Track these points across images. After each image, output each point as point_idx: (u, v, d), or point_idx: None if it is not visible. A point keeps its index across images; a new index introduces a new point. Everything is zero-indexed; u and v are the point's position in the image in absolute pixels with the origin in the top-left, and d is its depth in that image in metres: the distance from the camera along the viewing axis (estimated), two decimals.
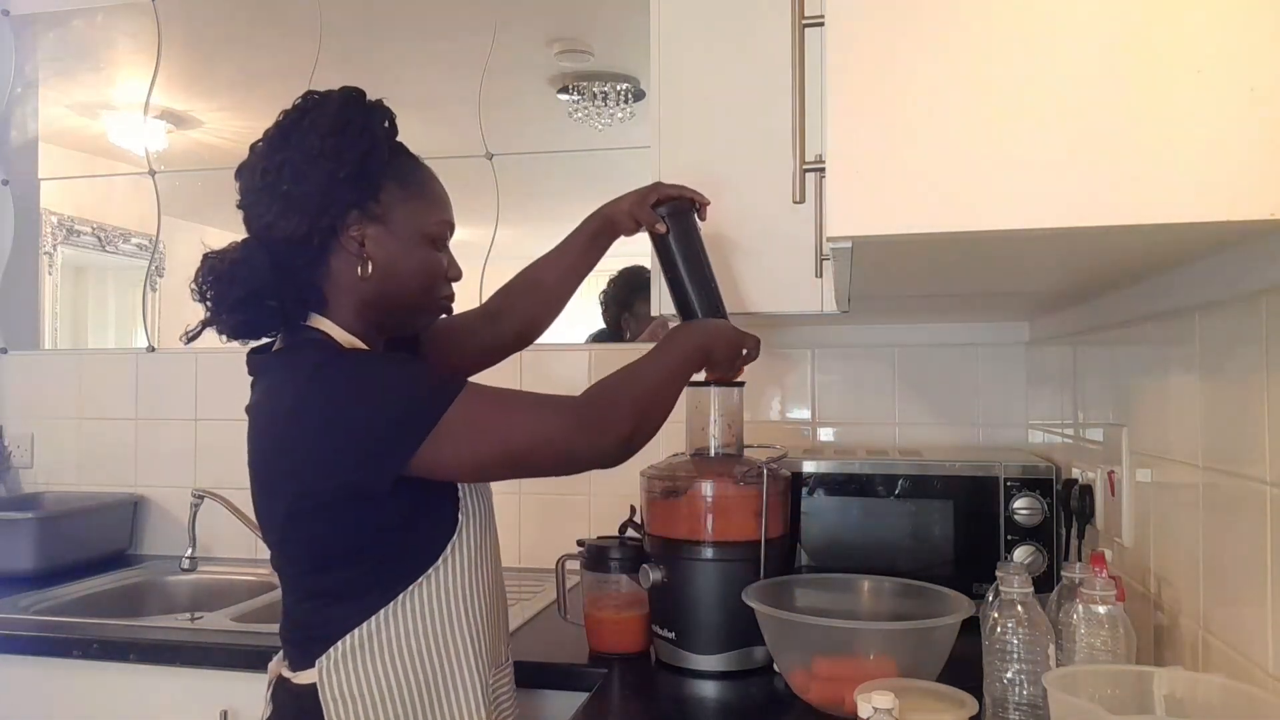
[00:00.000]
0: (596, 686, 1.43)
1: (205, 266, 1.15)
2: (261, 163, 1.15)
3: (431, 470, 1.08)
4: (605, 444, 1.12)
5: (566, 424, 1.11)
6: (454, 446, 1.07)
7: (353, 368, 1.11)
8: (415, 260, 1.19)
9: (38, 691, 1.70)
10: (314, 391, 1.09)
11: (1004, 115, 0.74)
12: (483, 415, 1.09)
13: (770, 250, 1.58)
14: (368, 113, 1.18)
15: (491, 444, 1.09)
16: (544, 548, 1.79)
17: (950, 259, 1.01)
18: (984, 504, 1.63)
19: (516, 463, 1.12)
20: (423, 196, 1.21)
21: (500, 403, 1.12)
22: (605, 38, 2.29)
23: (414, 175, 1.21)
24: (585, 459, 1.13)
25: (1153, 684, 0.92)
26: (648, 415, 1.17)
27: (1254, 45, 0.70)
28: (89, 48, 2.61)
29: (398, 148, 1.21)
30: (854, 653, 1.25)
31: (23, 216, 2.62)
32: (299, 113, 1.18)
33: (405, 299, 1.20)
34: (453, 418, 1.06)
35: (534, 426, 1.11)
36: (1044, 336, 1.89)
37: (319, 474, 1.07)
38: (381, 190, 1.16)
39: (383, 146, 1.17)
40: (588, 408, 1.14)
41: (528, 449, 1.11)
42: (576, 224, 1.54)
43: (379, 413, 1.07)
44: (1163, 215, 0.72)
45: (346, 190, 1.13)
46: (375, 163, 1.16)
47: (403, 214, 1.18)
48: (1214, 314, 1.01)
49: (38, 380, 2.54)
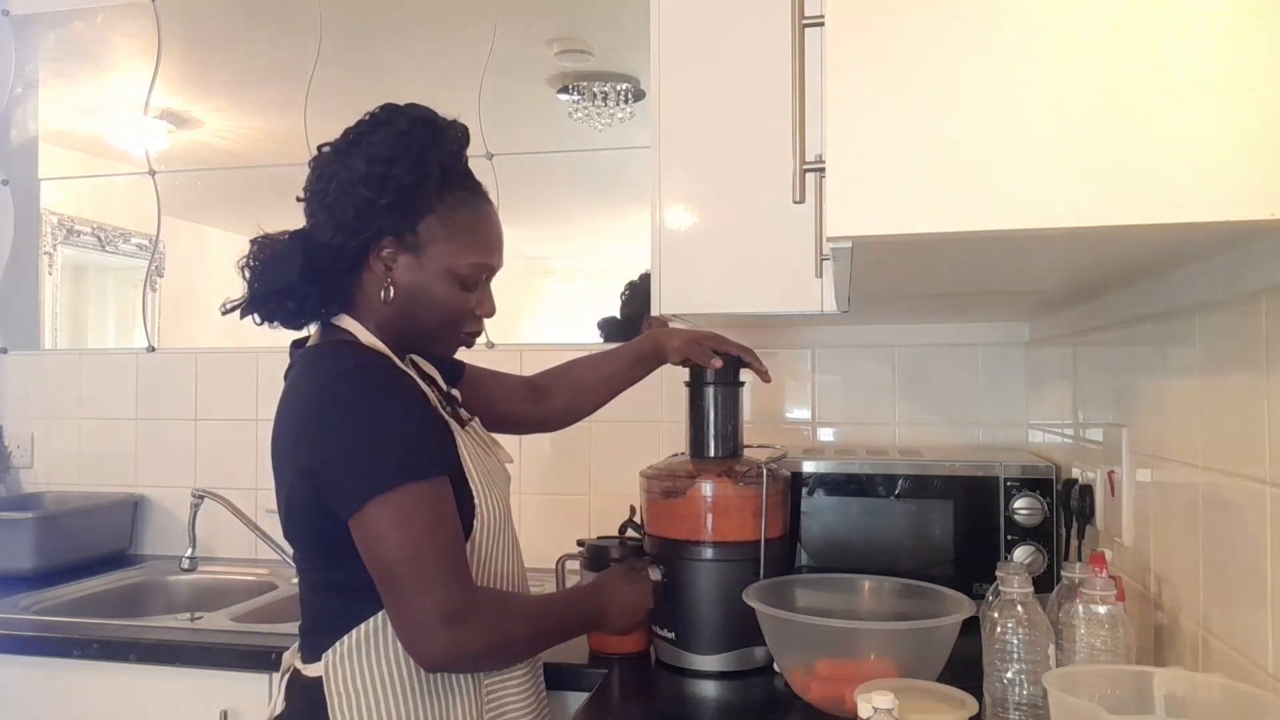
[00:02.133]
0: (597, 686, 1.43)
1: (253, 250, 1.19)
2: (320, 168, 1.18)
3: (358, 532, 1.07)
4: (445, 647, 1.07)
5: (438, 605, 1.06)
6: (375, 524, 1.06)
7: (352, 400, 1.09)
8: (439, 295, 1.18)
9: (38, 691, 1.70)
10: (314, 407, 1.11)
11: (1004, 115, 0.74)
12: (408, 519, 1.06)
13: (770, 250, 1.58)
14: (427, 143, 1.15)
15: (389, 551, 1.06)
16: (544, 548, 1.79)
17: (950, 259, 1.01)
18: (984, 504, 1.63)
19: (385, 587, 1.08)
20: (462, 236, 1.18)
21: (426, 532, 1.07)
22: (605, 38, 2.29)
23: (460, 212, 1.19)
24: (426, 641, 1.07)
25: (1153, 684, 0.92)
26: (497, 658, 1.17)
27: (1254, 45, 0.70)
28: (89, 48, 2.61)
29: (456, 179, 1.19)
30: (854, 653, 1.25)
31: (23, 216, 2.62)
32: (367, 128, 1.17)
33: (423, 329, 1.21)
34: (393, 500, 1.05)
35: (417, 582, 1.06)
36: (1044, 336, 1.89)
37: (302, 484, 1.10)
38: (421, 222, 1.16)
39: (433, 179, 1.15)
40: (468, 608, 1.08)
41: (396, 590, 1.07)
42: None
43: (354, 452, 1.08)
44: (1163, 215, 0.72)
45: (384, 217, 1.14)
46: (421, 195, 1.15)
47: (437, 250, 1.17)
48: (1214, 314, 1.01)
49: (38, 380, 2.54)
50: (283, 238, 1.19)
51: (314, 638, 1.16)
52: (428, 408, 1.16)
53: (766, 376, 1.52)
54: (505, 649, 1.17)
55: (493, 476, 1.23)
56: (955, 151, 0.75)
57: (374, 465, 1.07)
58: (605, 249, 2.35)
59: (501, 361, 2.14)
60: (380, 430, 1.08)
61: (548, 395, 1.56)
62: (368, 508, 1.06)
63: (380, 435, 1.08)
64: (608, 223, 2.38)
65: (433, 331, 1.22)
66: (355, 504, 1.06)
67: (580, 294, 2.35)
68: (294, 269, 1.15)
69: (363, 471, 1.07)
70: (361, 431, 1.08)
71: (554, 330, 2.35)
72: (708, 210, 1.63)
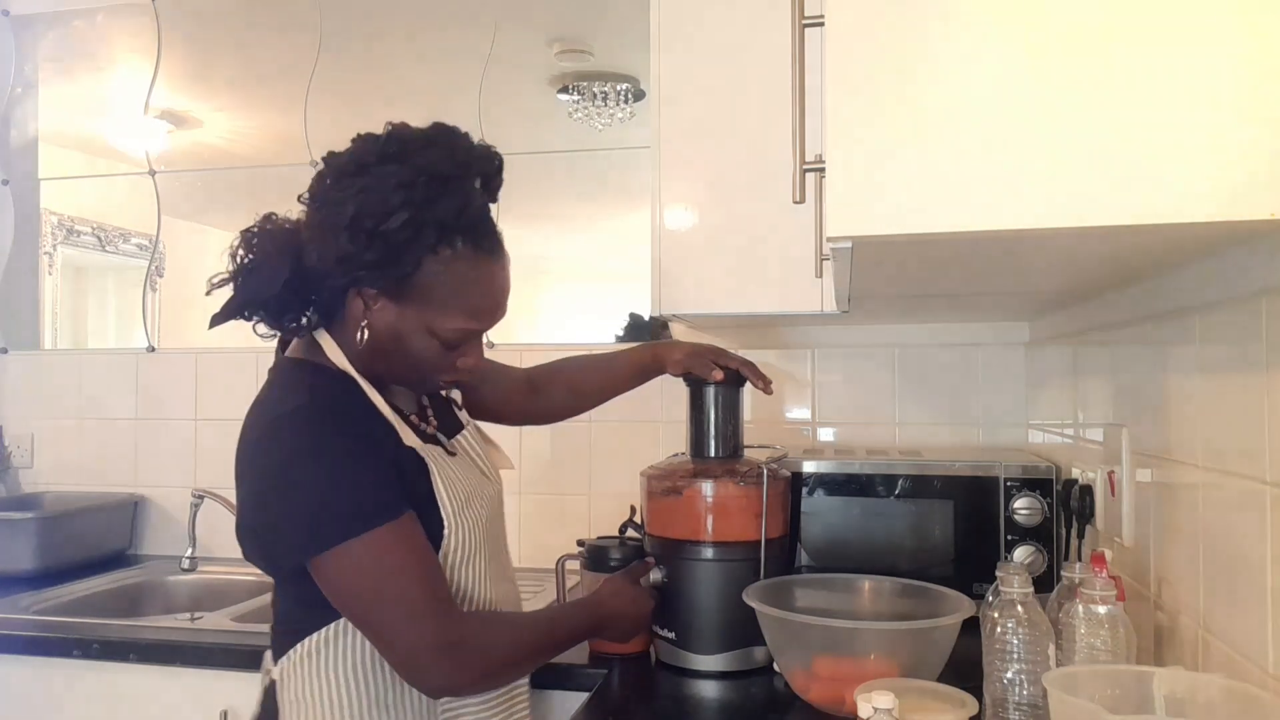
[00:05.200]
0: (597, 686, 1.43)
1: (240, 244, 1.14)
2: (316, 186, 1.11)
3: (317, 578, 1.07)
4: (447, 675, 1.08)
5: (429, 638, 1.05)
6: (336, 575, 1.05)
7: (307, 440, 1.06)
8: (415, 349, 1.12)
9: (38, 691, 1.70)
10: (264, 447, 1.09)
11: (1004, 115, 0.74)
12: (376, 568, 1.04)
13: (770, 250, 1.58)
14: (430, 200, 1.05)
15: (359, 598, 1.06)
16: (544, 548, 1.79)
17: (950, 259, 1.01)
18: (984, 504, 1.63)
19: (366, 629, 1.08)
20: (449, 298, 1.09)
21: (398, 573, 1.05)
22: (605, 38, 2.29)
23: (452, 272, 1.08)
24: (425, 674, 1.07)
25: (1153, 684, 0.92)
26: (500, 677, 1.16)
27: (1254, 45, 0.70)
28: (89, 48, 2.61)
29: (457, 235, 1.08)
30: (854, 653, 1.25)
31: (23, 216, 2.62)
32: (374, 157, 1.07)
33: (394, 373, 1.17)
34: (348, 552, 1.03)
35: (403, 618, 1.05)
36: (1044, 336, 1.89)
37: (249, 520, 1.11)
38: (409, 275, 1.07)
39: (427, 239, 1.05)
40: (460, 635, 1.08)
41: (380, 630, 1.06)
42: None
43: (297, 506, 1.06)
44: (1163, 215, 0.72)
45: (366, 268, 1.07)
46: (410, 252, 1.06)
47: (418, 307, 1.09)
48: (1214, 314, 1.01)
49: (38, 380, 2.54)
50: (269, 241, 1.13)
51: (276, 640, 1.16)
52: (382, 447, 1.11)
53: (768, 389, 1.51)
54: (506, 669, 1.16)
55: (471, 495, 1.19)
56: (955, 151, 0.75)
57: (318, 521, 1.04)
58: (605, 249, 2.35)
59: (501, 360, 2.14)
60: (326, 482, 1.05)
61: (543, 391, 1.55)
62: (322, 561, 1.04)
63: (326, 488, 1.05)
64: (608, 223, 2.38)
65: (404, 377, 1.18)
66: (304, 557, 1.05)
67: (580, 294, 2.35)
68: (278, 282, 1.09)
69: (306, 527, 1.05)
70: (304, 484, 1.05)
71: (553, 330, 2.35)
72: (708, 210, 1.63)
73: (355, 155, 1.09)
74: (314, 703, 1.11)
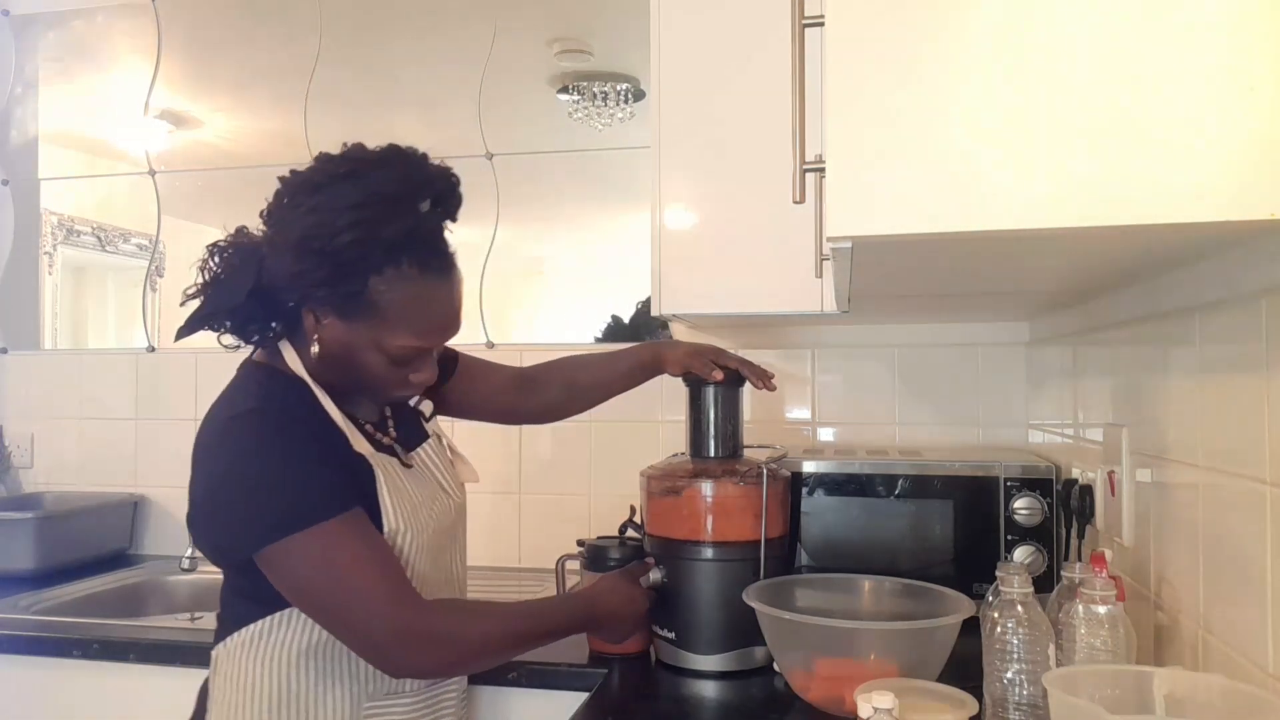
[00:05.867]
0: (596, 686, 1.43)
1: (207, 257, 1.17)
2: (274, 203, 1.13)
3: (267, 572, 1.08)
4: (414, 660, 1.09)
5: (392, 623, 1.07)
6: (287, 568, 1.07)
7: (256, 440, 1.09)
8: (365, 364, 1.14)
9: (38, 691, 1.70)
10: (218, 445, 1.11)
11: (1003, 115, 0.74)
12: (329, 560, 1.06)
13: (770, 250, 1.58)
14: (378, 220, 1.06)
15: (315, 590, 1.07)
16: (544, 548, 1.79)
17: (950, 259, 1.01)
18: (984, 504, 1.63)
19: (326, 620, 1.09)
20: (396, 317, 1.10)
21: (351, 563, 1.07)
22: (605, 38, 2.29)
23: (399, 290, 1.10)
24: (389, 659, 1.09)
25: (1153, 684, 0.92)
26: (471, 663, 1.18)
27: (1253, 45, 0.70)
28: (89, 48, 2.61)
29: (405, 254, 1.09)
30: (854, 653, 1.25)
31: (23, 216, 2.62)
32: (326, 176, 1.09)
33: (346, 387, 1.19)
34: (298, 546, 1.05)
35: (360, 607, 1.06)
36: (1044, 336, 1.89)
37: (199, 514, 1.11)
38: (357, 294, 1.09)
39: (374, 257, 1.07)
40: (427, 621, 1.09)
41: (339, 620, 1.08)
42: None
43: (243, 501, 1.07)
44: (1163, 215, 0.72)
45: (315, 286, 1.09)
46: (358, 270, 1.08)
47: (366, 324, 1.11)
48: (1214, 314, 1.01)
49: (38, 380, 2.54)
50: (235, 254, 1.16)
51: (218, 626, 1.19)
52: (332, 450, 1.13)
53: (770, 385, 1.51)
54: (478, 655, 1.17)
55: (420, 506, 1.20)
56: (955, 151, 0.75)
57: (264, 516, 1.06)
58: (605, 249, 2.35)
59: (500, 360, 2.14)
60: (272, 479, 1.07)
61: (538, 389, 1.54)
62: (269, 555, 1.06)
63: (272, 484, 1.07)
64: (608, 223, 2.38)
65: (358, 390, 1.19)
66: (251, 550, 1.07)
67: (580, 294, 2.35)
68: (241, 294, 1.12)
69: (252, 522, 1.06)
70: (251, 480, 1.07)
71: (553, 330, 2.35)
72: (708, 210, 1.63)
73: (310, 174, 1.11)
74: (238, 690, 1.14)
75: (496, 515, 2.21)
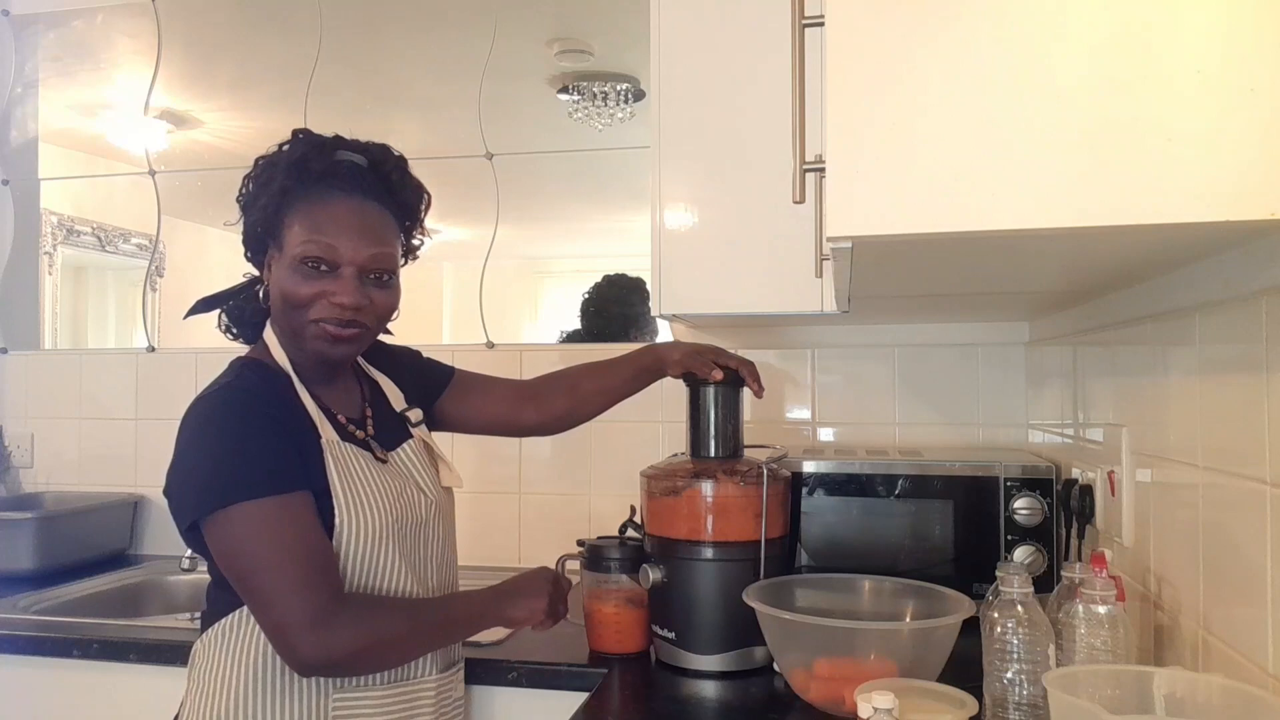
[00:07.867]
0: (596, 686, 1.43)
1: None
2: None
3: (208, 541, 1.13)
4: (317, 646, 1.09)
5: (298, 611, 1.08)
6: (220, 536, 1.12)
7: (219, 415, 1.16)
8: (286, 285, 1.21)
9: (38, 691, 1.70)
10: (187, 421, 1.17)
11: (1004, 115, 0.74)
12: (256, 534, 1.10)
13: (770, 250, 1.58)
14: (269, 175, 1.24)
15: (238, 562, 1.12)
16: (544, 548, 1.79)
17: (950, 259, 1.01)
18: (984, 504, 1.64)
19: (244, 595, 1.13)
20: (300, 222, 1.21)
21: (278, 543, 1.10)
22: (605, 38, 2.29)
23: (301, 207, 1.22)
24: (293, 646, 1.09)
25: (1153, 684, 0.92)
26: (378, 657, 1.17)
27: (1254, 45, 0.70)
28: (89, 48, 2.61)
29: (305, 187, 1.22)
30: (854, 653, 1.25)
31: (23, 216, 2.62)
32: (256, 166, 1.28)
33: (285, 326, 1.24)
34: (237, 515, 1.10)
35: (276, 588, 1.09)
36: (1044, 336, 1.89)
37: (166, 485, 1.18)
38: (284, 227, 1.22)
39: (291, 194, 1.21)
40: (332, 612, 1.10)
41: (255, 597, 1.11)
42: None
43: (196, 469, 1.14)
44: (1163, 215, 0.72)
45: (264, 233, 1.25)
46: (285, 207, 1.22)
47: (287, 242, 1.21)
48: (1214, 314, 1.01)
49: (38, 380, 2.54)
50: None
51: (203, 618, 1.23)
52: (292, 433, 1.17)
53: (759, 393, 1.51)
54: (385, 648, 1.16)
55: (381, 495, 1.21)
56: (955, 151, 0.75)
57: (211, 483, 1.12)
58: (605, 249, 2.35)
59: (501, 361, 2.15)
60: (223, 450, 1.13)
61: (542, 400, 1.54)
62: (212, 521, 1.11)
63: (222, 454, 1.13)
64: (608, 223, 2.38)
65: (290, 325, 1.23)
66: (196, 515, 1.12)
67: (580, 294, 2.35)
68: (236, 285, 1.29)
69: (200, 488, 1.12)
70: (206, 450, 1.14)
71: (553, 330, 2.35)
72: (708, 210, 1.63)
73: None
74: (210, 680, 1.17)
75: (497, 515, 2.21)
